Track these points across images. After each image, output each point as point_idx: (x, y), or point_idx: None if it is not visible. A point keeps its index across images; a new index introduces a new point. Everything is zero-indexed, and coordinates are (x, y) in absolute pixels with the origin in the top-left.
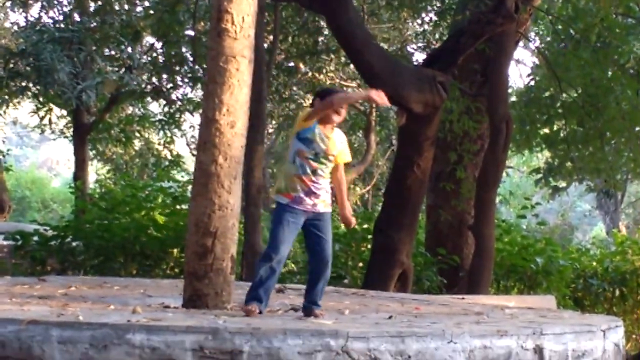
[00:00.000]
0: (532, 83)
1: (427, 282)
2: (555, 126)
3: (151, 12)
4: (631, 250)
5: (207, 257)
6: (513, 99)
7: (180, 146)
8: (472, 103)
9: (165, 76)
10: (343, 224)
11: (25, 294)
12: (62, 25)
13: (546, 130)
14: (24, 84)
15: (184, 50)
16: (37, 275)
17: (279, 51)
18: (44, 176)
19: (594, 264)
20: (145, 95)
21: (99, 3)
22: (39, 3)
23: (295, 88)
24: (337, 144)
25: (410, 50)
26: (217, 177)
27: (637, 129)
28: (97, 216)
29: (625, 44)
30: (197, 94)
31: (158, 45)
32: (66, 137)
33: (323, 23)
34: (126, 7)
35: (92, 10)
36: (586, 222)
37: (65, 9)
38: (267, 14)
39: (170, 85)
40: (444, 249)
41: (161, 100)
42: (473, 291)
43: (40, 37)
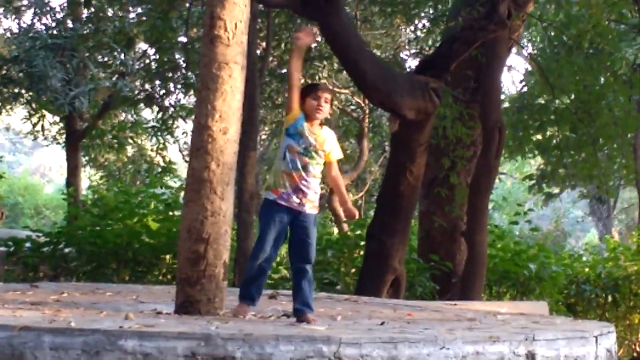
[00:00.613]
0: (525, 89)
1: (420, 288)
2: (548, 132)
3: (144, 18)
4: (624, 257)
5: (200, 263)
6: (506, 105)
7: (173, 153)
8: (464, 109)
9: (158, 83)
10: (346, 217)
11: (18, 300)
12: (55, 32)
13: (539, 137)
14: (16, 90)
15: (176, 56)
16: (29, 281)
17: (271, 58)
18: (37, 182)
19: (587, 270)
20: (138, 101)
21: (92, 10)
22: (32, 10)
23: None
24: (327, 140)
25: (403, 56)
26: (209, 184)
27: (630, 135)
28: (89, 222)
29: (617, 50)
30: (189, 100)
31: (151, 51)
32: (59, 143)
33: (316, 30)
34: (119, 13)
35: (85, 17)
36: (579, 228)
37: (58, 15)
38: (259, 20)
39: (163, 91)
40: (436, 255)
41: (154, 106)
42: (466, 297)
43: (33, 43)
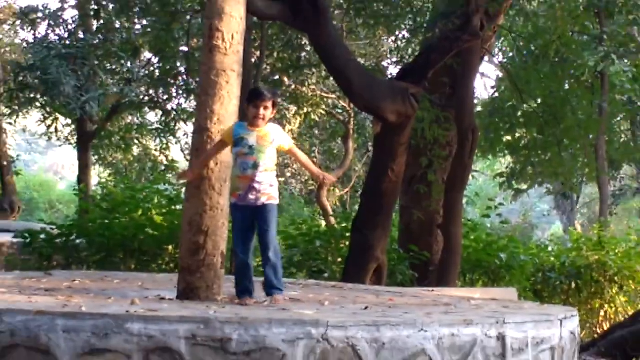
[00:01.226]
0: (496, 95)
1: (400, 276)
2: (517, 134)
3: (149, 30)
4: (586, 247)
5: (200, 253)
6: (479, 109)
7: (175, 152)
8: (441, 113)
9: (161, 88)
10: (327, 184)
11: (33, 287)
12: (68, 42)
13: (509, 138)
14: (32, 95)
15: (178, 64)
16: (43, 270)
17: (265, 65)
18: (51, 180)
19: (552, 259)
20: (143, 105)
21: (101, 22)
22: (46, 22)
23: (280, 99)
24: (270, 133)
25: (385, 64)
26: (208, 181)
27: (592, 137)
28: (99, 216)
29: (581, 59)
30: (190, 104)
31: (155, 60)
32: (71, 143)
33: (306, 40)
34: (126, 25)
35: (94, 28)
36: (545, 221)
37: (70, 27)
38: (254, 31)
39: (166, 96)
40: (415, 246)
41: (158, 110)
42: (442, 284)
43: (48, 53)
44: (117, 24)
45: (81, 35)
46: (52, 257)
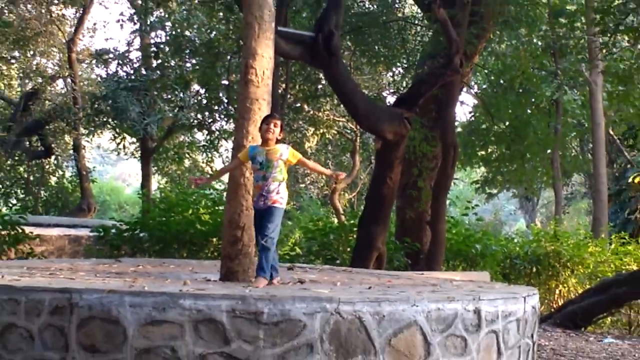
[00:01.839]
0: (473, 118)
1: (397, 262)
2: (489, 149)
3: (197, 67)
4: (544, 239)
5: (238, 244)
6: (459, 129)
7: (219, 164)
8: (429, 132)
9: (207, 113)
10: (337, 180)
11: (106, 272)
12: (133, 77)
13: (483, 152)
14: (105, 119)
15: (220, 95)
16: (114, 257)
17: (289, 95)
18: (120, 186)
19: (517, 249)
20: (193, 127)
21: (159, 61)
22: (116, 61)
23: (301, 122)
24: (280, 151)
25: (385, 94)
26: (244, 186)
27: (548, 151)
28: (158, 215)
29: (539, 90)
30: (230, 126)
31: (202, 91)
32: (135, 157)
33: (321, 75)
34: (179, 63)
35: (154, 66)
36: (512, 218)
37: (135, 65)
38: (281, 68)
39: (211, 120)
40: (408, 238)
41: (204, 130)
42: (430, 269)
43: (117, 85)
44: (172, 63)
45: (144, 71)
46: (120, 247)
